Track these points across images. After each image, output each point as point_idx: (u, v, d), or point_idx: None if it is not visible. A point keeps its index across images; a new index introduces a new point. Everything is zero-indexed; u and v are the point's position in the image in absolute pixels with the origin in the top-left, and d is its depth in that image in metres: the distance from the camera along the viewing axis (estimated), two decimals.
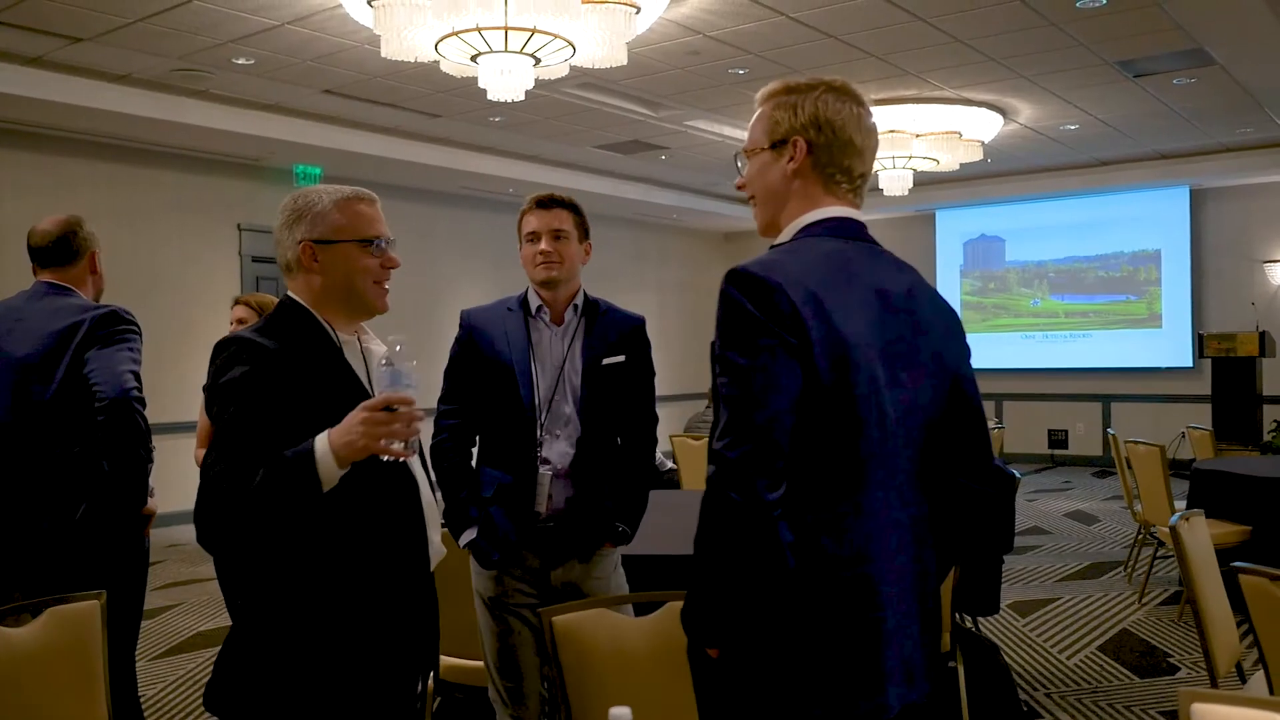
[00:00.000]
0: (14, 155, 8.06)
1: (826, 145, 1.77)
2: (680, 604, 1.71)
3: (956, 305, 13.39)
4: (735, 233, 14.93)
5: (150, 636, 5.49)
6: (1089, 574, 6.83)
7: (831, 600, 1.64)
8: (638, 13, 5.57)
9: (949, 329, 1.83)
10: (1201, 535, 3.35)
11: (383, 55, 5.76)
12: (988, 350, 13.38)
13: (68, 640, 2.30)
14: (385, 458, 1.85)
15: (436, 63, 5.96)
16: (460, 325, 3.02)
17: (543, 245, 2.86)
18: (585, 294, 2.99)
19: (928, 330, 1.77)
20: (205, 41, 6.76)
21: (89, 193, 8.40)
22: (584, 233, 2.96)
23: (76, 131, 8.20)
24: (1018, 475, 4.83)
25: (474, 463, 3.00)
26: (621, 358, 2.90)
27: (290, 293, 2.06)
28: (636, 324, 3.00)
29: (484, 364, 2.90)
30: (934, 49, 7.21)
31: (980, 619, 4.94)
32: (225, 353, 1.94)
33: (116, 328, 2.88)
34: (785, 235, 1.81)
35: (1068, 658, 4.97)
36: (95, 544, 2.84)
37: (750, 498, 1.56)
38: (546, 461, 2.82)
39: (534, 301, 2.93)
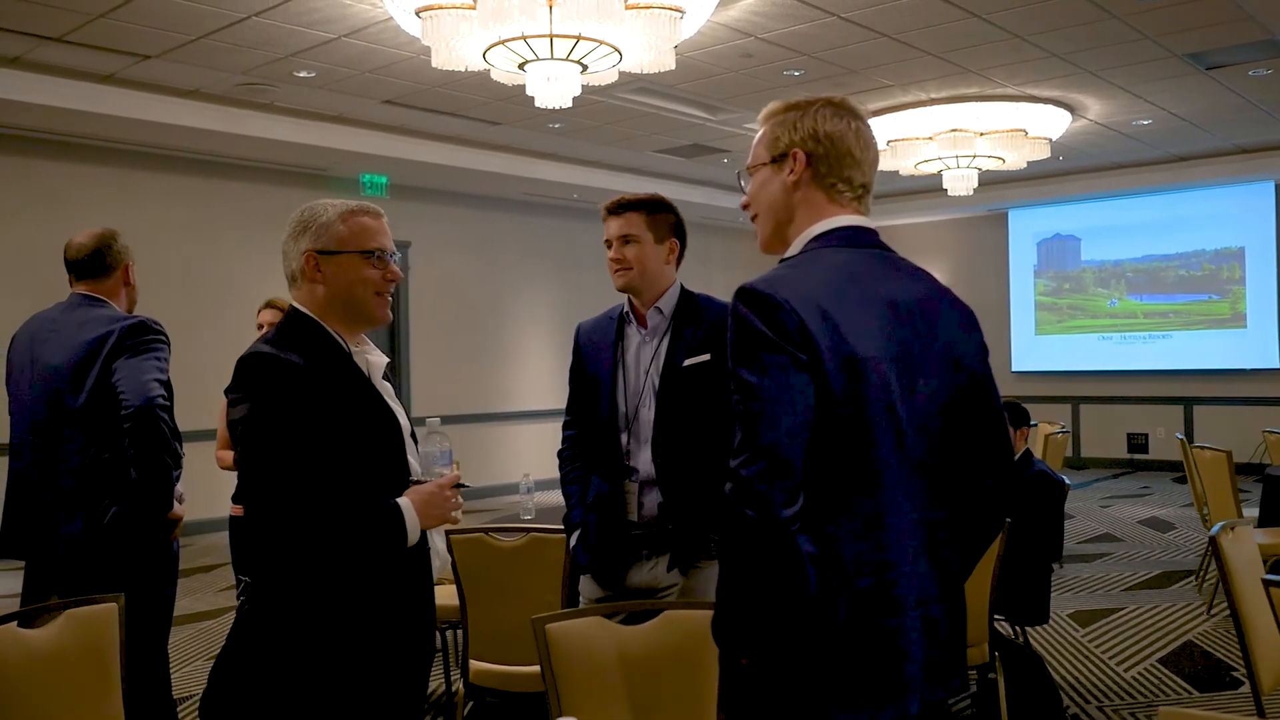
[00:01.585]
0: (88, 170, 8.34)
1: (825, 156, 1.79)
2: (676, 614, 1.71)
3: (1030, 307, 13.20)
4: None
5: (205, 638, 5.63)
6: (1157, 583, 6.61)
7: (854, 608, 1.66)
8: (682, 17, 5.56)
9: (964, 330, 1.83)
10: (1248, 546, 3.23)
11: (433, 65, 5.84)
12: (1063, 352, 13.08)
13: (85, 642, 2.36)
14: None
15: (487, 71, 6.03)
16: (574, 338, 3.04)
17: (613, 252, 2.82)
18: (682, 291, 2.89)
19: (941, 334, 1.78)
20: (266, 56, 6.93)
21: (160, 205, 8.66)
22: (667, 230, 2.83)
23: (147, 145, 8.46)
24: (1067, 482, 4.75)
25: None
26: (706, 356, 2.76)
27: (295, 303, 2.11)
28: (725, 311, 2.86)
29: (585, 375, 2.94)
30: (993, 45, 7.07)
31: (1030, 628, 4.81)
32: (255, 371, 1.98)
33: (144, 338, 2.97)
34: (794, 248, 1.82)
35: (1125, 670, 4.82)
36: (124, 548, 2.93)
37: (766, 515, 1.58)
38: (635, 470, 2.80)
39: (625, 308, 2.92)
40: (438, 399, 10.56)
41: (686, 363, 2.78)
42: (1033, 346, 13.35)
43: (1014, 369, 13.36)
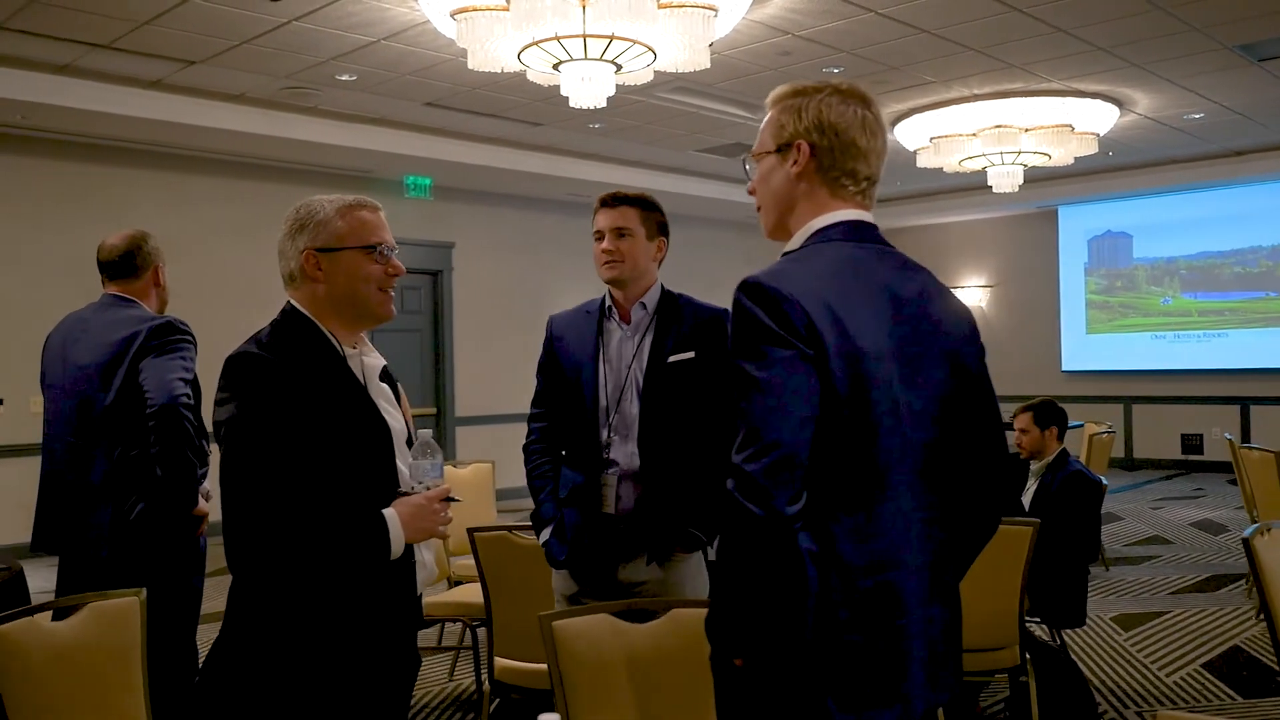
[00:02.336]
0: (138, 174, 8.52)
1: (829, 148, 1.76)
2: (684, 612, 1.70)
3: (1080, 305, 12.98)
4: None
5: None
6: (1207, 587, 6.48)
7: (854, 608, 1.63)
8: (716, 15, 5.54)
9: (963, 329, 1.81)
10: None
11: (469, 67, 5.88)
12: (1114, 351, 12.85)
13: (108, 635, 2.41)
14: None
15: (523, 72, 6.06)
16: (546, 330, 3.06)
17: (605, 244, 2.86)
18: (663, 290, 2.94)
19: (941, 332, 1.76)
20: (308, 60, 7.02)
21: (210, 208, 8.81)
22: (655, 229, 2.89)
23: (195, 149, 8.61)
24: (1103, 481, 4.66)
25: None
26: (690, 354, 2.80)
27: (294, 302, 2.06)
28: (712, 316, 2.88)
29: (561, 367, 2.94)
30: (1036, 40, 6.96)
31: (1066, 631, 4.73)
32: (242, 372, 1.93)
33: (170, 338, 3.02)
34: (796, 241, 1.80)
35: (1167, 674, 4.72)
36: (151, 543, 2.98)
37: (770, 512, 1.56)
38: (614, 463, 2.81)
39: (607, 302, 2.94)
40: (481, 399, 10.63)
41: (671, 359, 2.79)
42: (1083, 346, 13.12)
43: (1064, 368, 13.16)
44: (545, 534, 2.88)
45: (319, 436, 1.91)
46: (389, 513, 1.95)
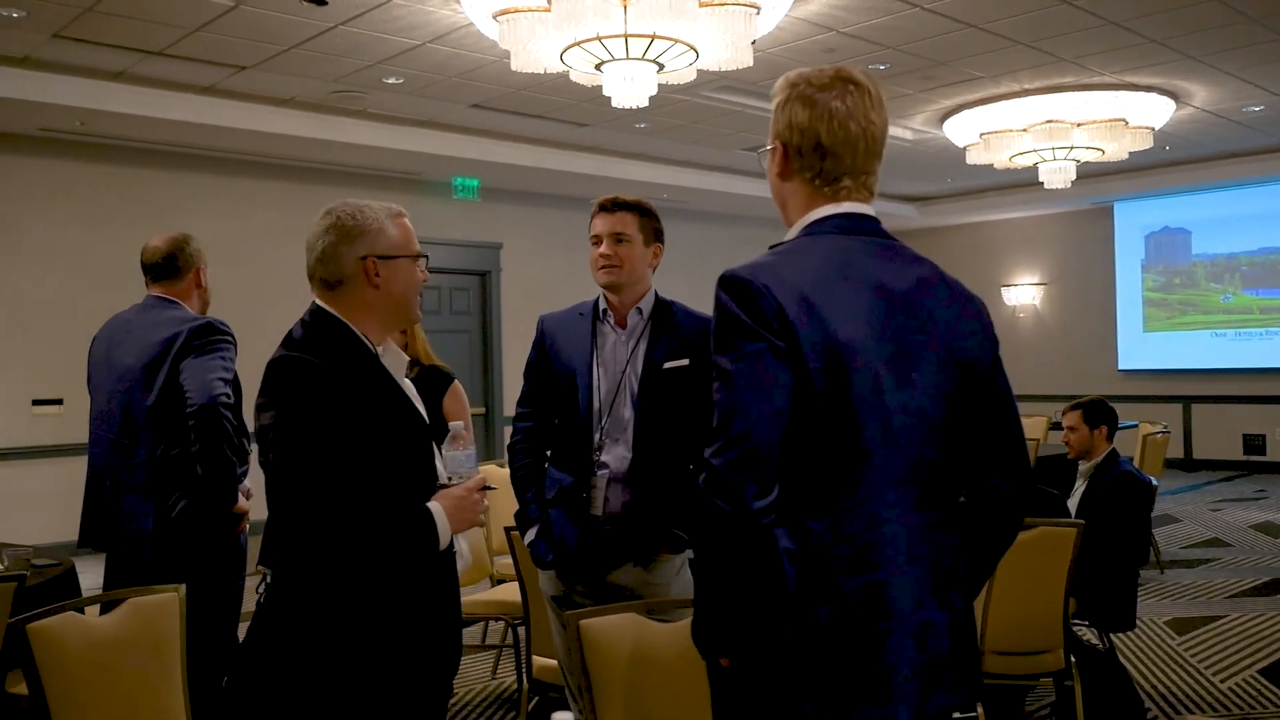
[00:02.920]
0: (192, 178, 8.67)
1: (798, 149, 1.74)
2: None
3: (1137, 302, 12.73)
4: (900, 232, 14.48)
5: None
6: (1266, 590, 6.31)
7: (836, 609, 1.60)
8: (758, 13, 5.51)
9: (968, 321, 1.74)
10: None
11: (512, 69, 5.92)
12: (1173, 349, 12.58)
13: (147, 631, 2.46)
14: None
15: (566, 73, 6.08)
16: (537, 330, 3.08)
17: (603, 249, 2.88)
18: (657, 296, 2.98)
19: (939, 325, 1.70)
20: (355, 64, 7.10)
21: (263, 212, 8.95)
22: (652, 235, 2.93)
23: (247, 154, 8.75)
24: (1154, 482, 4.56)
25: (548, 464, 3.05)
26: (685, 361, 2.83)
27: (323, 304, 2.09)
28: (706, 326, 2.90)
29: (552, 368, 2.96)
30: (1086, 33, 6.84)
31: (1115, 635, 4.65)
32: (286, 377, 1.96)
33: (210, 338, 3.07)
34: (790, 234, 1.78)
35: (1221, 680, 4.61)
36: (192, 540, 3.04)
37: (737, 506, 1.54)
38: (604, 465, 2.83)
39: (602, 305, 2.96)
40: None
41: (666, 365, 2.82)
42: (1140, 344, 12.87)
43: (1120, 367, 12.91)
44: (530, 535, 2.91)
45: (365, 436, 1.95)
46: (434, 506, 2.01)
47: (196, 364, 3.01)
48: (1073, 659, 3.61)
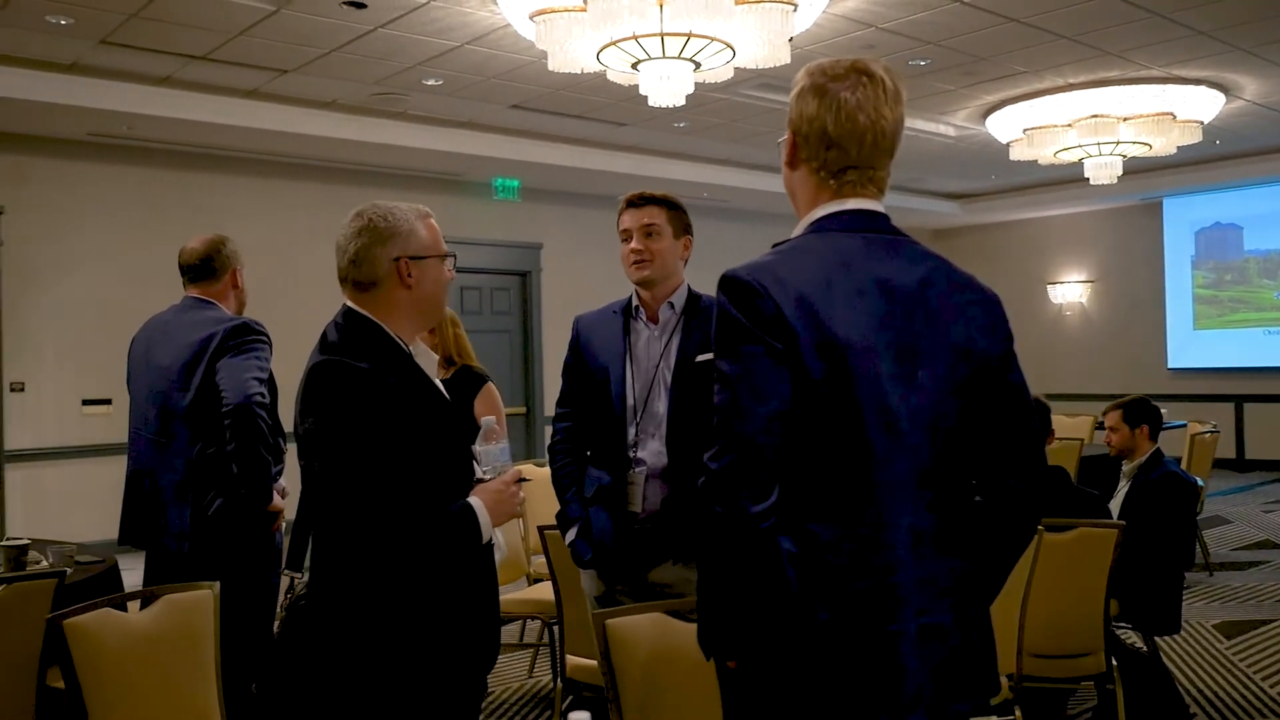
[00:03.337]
0: (237, 180, 8.79)
1: (806, 139, 1.72)
2: None
3: (1187, 299, 12.49)
4: (944, 229, 14.40)
5: None
6: None
7: (842, 613, 1.57)
8: (795, 10, 5.48)
9: (978, 317, 1.70)
10: None
11: (550, 69, 5.93)
12: (1224, 347, 12.34)
13: (181, 627, 2.49)
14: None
15: (603, 73, 6.08)
16: (572, 331, 3.08)
17: (633, 244, 2.87)
18: (689, 290, 2.96)
19: (946, 321, 1.66)
20: (395, 66, 7.15)
21: (305, 214, 9.04)
22: (681, 228, 2.92)
23: (290, 156, 8.85)
24: (1199, 483, 4.47)
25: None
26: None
27: (355, 306, 2.11)
28: None
29: (587, 367, 2.96)
30: (1131, 25, 6.72)
31: (1160, 638, 4.56)
32: (329, 381, 1.97)
33: (246, 338, 3.11)
34: (795, 230, 1.75)
35: (1270, 685, 4.51)
36: (228, 538, 3.07)
37: (733, 510, 1.52)
38: (641, 462, 2.82)
39: (634, 302, 2.95)
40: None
41: (699, 358, 2.78)
42: (1190, 342, 12.63)
43: (1170, 366, 12.68)
44: (571, 534, 2.91)
45: (406, 438, 1.97)
46: (474, 501, 2.04)
47: (232, 364, 3.04)
48: (1114, 662, 3.55)
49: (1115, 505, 4.49)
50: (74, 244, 8.03)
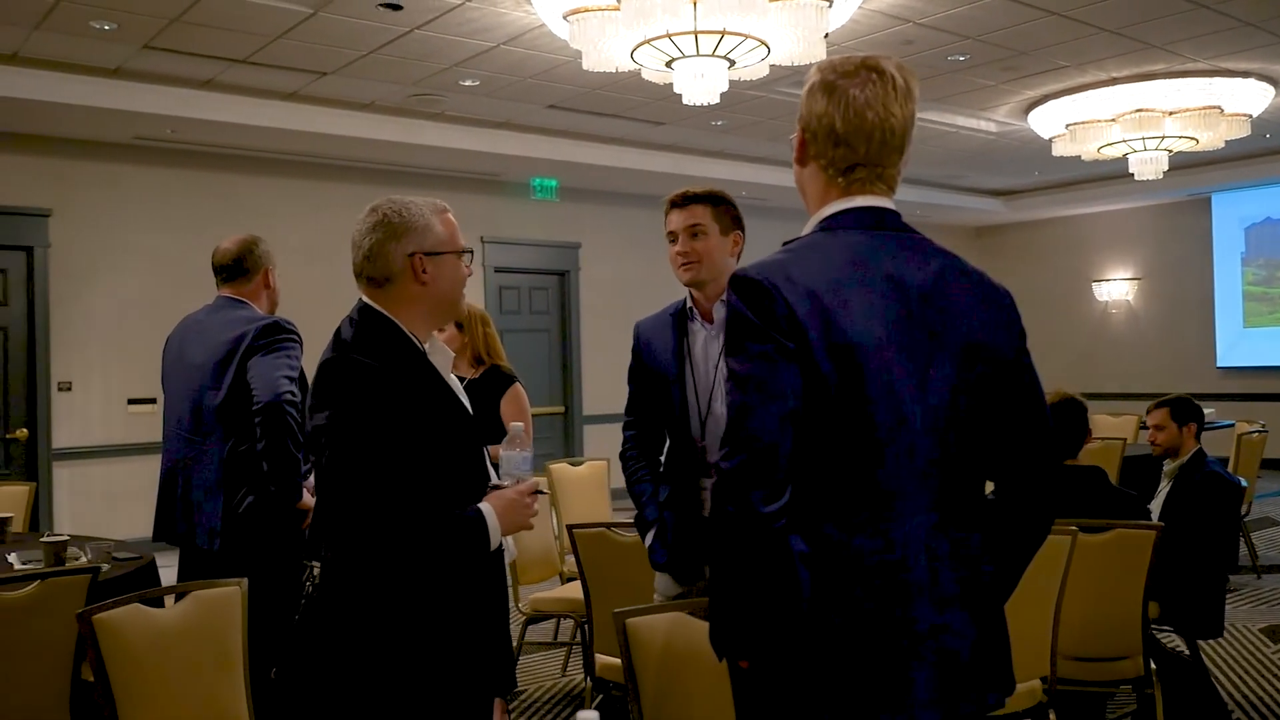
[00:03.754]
0: (278, 182, 8.89)
1: (815, 137, 1.71)
2: None
3: (1237, 297, 12.25)
4: (987, 227, 14.23)
5: None
6: None
7: (850, 613, 1.56)
8: (830, 6, 5.44)
9: (991, 313, 1.69)
10: None
11: (584, 68, 5.93)
12: (1276, 346, 12.09)
13: (209, 623, 2.52)
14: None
15: (638, 71, 6.07)
16: (633, 337, 3.06)
17: (679, 246, 2.82)
18: None
19: (959, 319, 1.64)
20: (432, 67, 7.20)
21: (346, 214, 9.04)
22: (730, 223, 2.83)
23: (330, 158, 8.94)
24: (1243, 483, 4.37)
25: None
26: None
27: (370, 302, 2.10)
28: None
29: (649, 372, 2.95)
30: (1176, 18, 6.60)
31: (1205, 643, 4.47)
32: (338, 377, 1.96)
33: (277, 337, 3.14)
34: (805, 228, 1.74)
35: None
36: (259, 535, 3.10)
37: (744, 509, 1.51)
38: (711, 466, 2.80)
39: (689, 303, 2.92)
40: (607, 397, 10.69)
41: None
42: (1240, 340, 12.38)
43: (1219, 364, 12.44)
44: (648, 538, 2.90)
45: (417, 436, 1.95)
46: (485, 507, 2.00)
47: (263, 362, 3.07)
48: (1153, 666, 3.48)
49: (1156, 506, 4.41)
50: (119, 246, 8.17)
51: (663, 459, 2.99)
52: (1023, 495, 1.70)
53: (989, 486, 1.75)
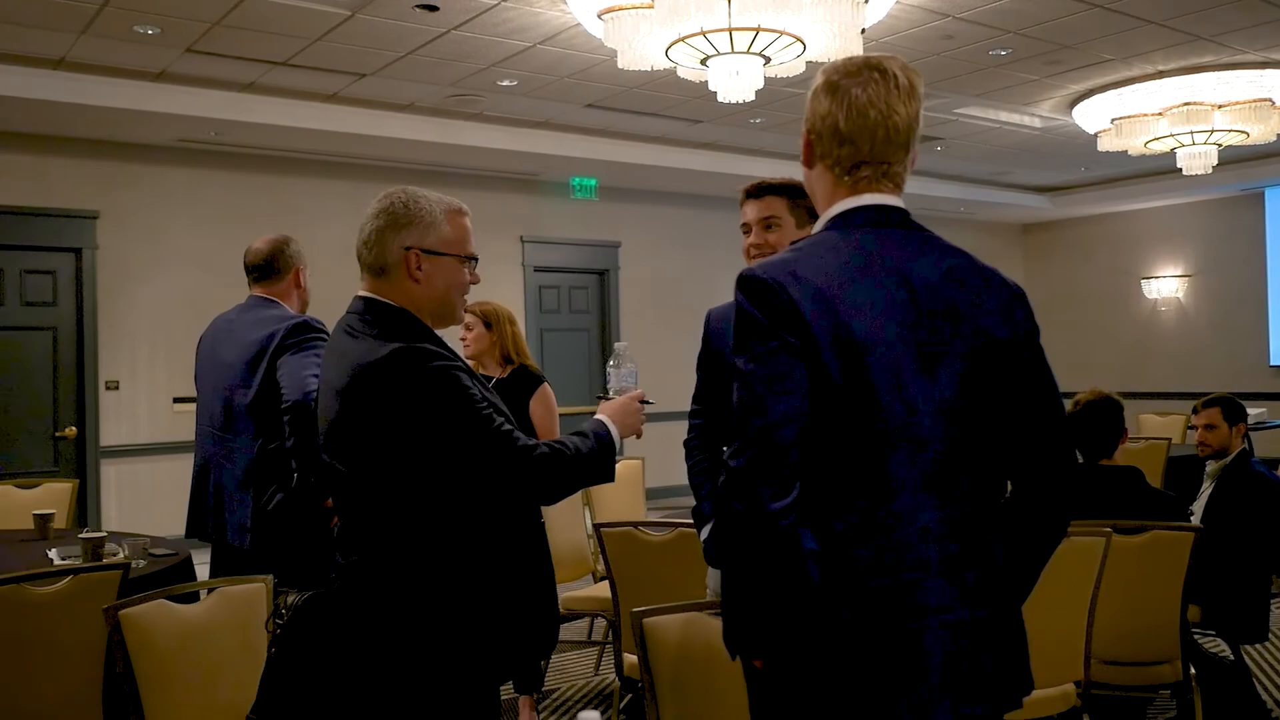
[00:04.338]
0: (320, 183, 8.99)
1: (820, 137, 1.72)
2: None
3: None
4: (1034, 224, 14.04)
5: None
6: None
7: (860, 609, 1.55)
8: (866, 2, 5.39)
9: (1002, 309, 1.67)
10: None
11: (619, 66, 5.93)
12: None
13: (234, 619, 2.54)
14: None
15: (674, 69, 6.06)
16: (704, 325, 3.02)
17: (753, 237, 2.78)
18: None
19: (968, 315, 1.63)
20: (470, 67, 7.24)
21: None
22: (805, 216, 2.75)
23: (370, 159, 9.01)
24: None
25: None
26: None
27: (379, 296, 2.06)
28: None
29: (719, 361, 2.89)
30: (1224, 9, 6.46)
31: (1249, 647, 4.37)
32: (421, 360, 1.92)
33: (306, 336, 3.16)
34: (815, 227, 1.75)
35: None
36: (287, 533, 3.13)
37: (752, 507, 1.51)
38: None
39: None
40: (648, 396, 10.70)
41: None
42: None
43: (1273, 362, 12.17)
44: (704, 532, 2.86)
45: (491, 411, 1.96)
46: (602, 417, 2.12)
47: (292, 361, 3.10)
48: (1193, 670, 3.41)
49: (1198, 507, 4.32)
50: (165, 247, 8.30)
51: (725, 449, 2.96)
52: (1037, 493, 1.68)
53: (1008, 487, 1.73)
